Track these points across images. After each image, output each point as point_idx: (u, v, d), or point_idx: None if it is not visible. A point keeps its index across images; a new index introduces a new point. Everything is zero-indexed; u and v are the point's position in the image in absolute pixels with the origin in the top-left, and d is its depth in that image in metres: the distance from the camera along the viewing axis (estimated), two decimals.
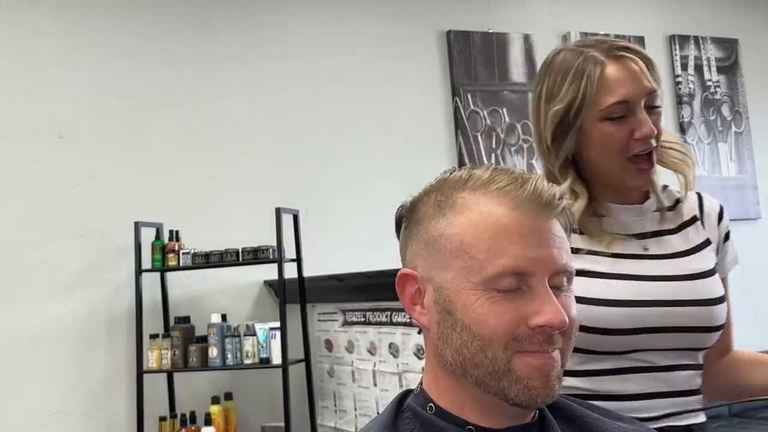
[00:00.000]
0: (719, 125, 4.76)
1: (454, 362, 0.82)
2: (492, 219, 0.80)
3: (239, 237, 3.52)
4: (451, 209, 0.83)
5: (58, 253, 3.32)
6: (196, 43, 3.65)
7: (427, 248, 0.84)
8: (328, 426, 3.37)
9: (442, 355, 0.84)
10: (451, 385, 0.85)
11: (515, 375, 0.79)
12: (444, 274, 0.82)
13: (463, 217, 0.82)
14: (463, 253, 0.81)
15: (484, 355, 0.80)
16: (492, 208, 0.81)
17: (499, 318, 0.79)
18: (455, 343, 0.81)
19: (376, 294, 3.01)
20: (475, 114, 4.13)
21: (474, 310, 0.80)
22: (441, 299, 0.83)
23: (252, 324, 3.20)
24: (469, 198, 0.83)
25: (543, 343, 0.79)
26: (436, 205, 0.85)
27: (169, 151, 3.55)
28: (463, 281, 0.81)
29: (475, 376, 0.81)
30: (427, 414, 0.85)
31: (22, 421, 3.20)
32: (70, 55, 3.44)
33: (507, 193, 0.81)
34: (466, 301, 0.80)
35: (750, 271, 4.76)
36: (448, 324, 0.82)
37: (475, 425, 0.83)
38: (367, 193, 3.84)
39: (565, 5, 4.49)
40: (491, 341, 0.79)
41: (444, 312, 0.82)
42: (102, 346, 3.36)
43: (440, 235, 0.83)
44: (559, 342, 0.81)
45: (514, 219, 0.80)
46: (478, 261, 0.80)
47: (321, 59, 3.87)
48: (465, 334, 0.80)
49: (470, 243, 0.81)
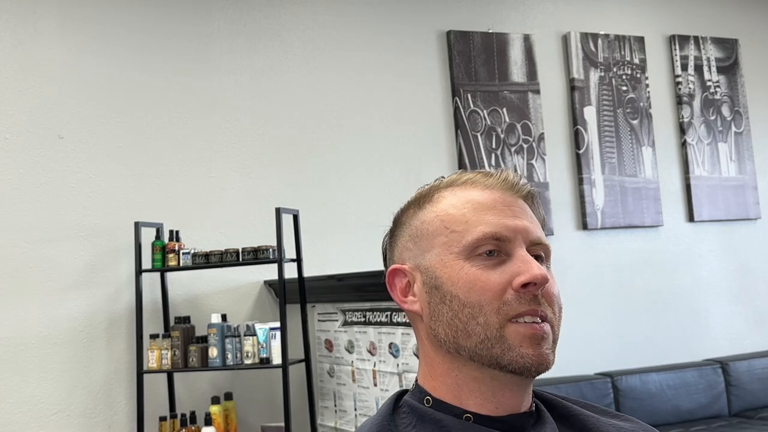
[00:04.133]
0: (719, 125, 4.76)
1: (447, 337, 0.84)
2: (468, 198, 0.87)
3: (239, 237, 3.52)
4: (429, 203, 0.89)
5: (58, 253, 3.32)
6: (197, 42, 3.65)
7: (412, 239, 0.89)
8: (328, 426, 3.37)
9: (435, 334, 0.85)
10: (446, 370, 0.85)
11: (507, 343, 0.81)
12: (428, 254, 0.86)
13: (441, 203, 0.88)
14: (443, 229, 0.86)
15: (476, 322, 0.81)
16: (466, 192, 0.88)
17: (485, 283, 0.82)
18: (446, 316, 0.83)
19: (376, 294, 3.01)
20: (475, 114, 4.13)
21: (460, 278, 0.83)
22: (428, 278, 0.86)
23: (252, 324, 3.20)
24: (445, 191, 0.89)
25: (530, 303, 0.82)
26: (416, 207, 0.90)
27: (169, 151, 3.55)
28: (446, 254, 0.84)
29: (468, 348, 0.82)
30: (425, 407, 0.86)
31: (22, 421, 3.20)
32: (70, 56, 3.44)
33: (478, 182, 0.88)
34: (451, 272, 0.83)
35: (750, 271, 4.76)
36: (437, 300, 0.85)
37: (474, 413, 0.84)
38: (367, 192, 3.84)
39: (565, 5, 4.49)
40: (481, 306, 0.81)
41: (432, 289, 0.85)
42: (102, 346, 3.36)
43: (422, 222, 0.88)
44: (546, 308, 0.83)
45: (488, 195, 0.86)
46: (458, 233, 0.84)
47: (321, 59, 3.87)
48: (455, 303, 0.83)
49: (449, 219, 0.86)
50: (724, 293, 4.66)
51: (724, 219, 4.69)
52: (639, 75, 4.58)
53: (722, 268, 4.68)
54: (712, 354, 4.50)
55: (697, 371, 4.26)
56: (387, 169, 3.90)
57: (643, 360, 4.29)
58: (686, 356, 4.41)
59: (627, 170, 4.45)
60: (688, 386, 4.19)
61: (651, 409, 4.05)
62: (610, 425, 0.90)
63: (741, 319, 4.69)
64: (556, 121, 4.35)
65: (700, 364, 4.34)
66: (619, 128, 4.47)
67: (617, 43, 4.55)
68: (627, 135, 4.49)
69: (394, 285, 0.90)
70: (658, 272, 4.49)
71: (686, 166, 4.63)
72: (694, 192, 4.61)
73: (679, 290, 4.54)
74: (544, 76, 4.34)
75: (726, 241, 4.71)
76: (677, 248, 4.56)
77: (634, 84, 4.55)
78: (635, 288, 4.43)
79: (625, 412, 3.87)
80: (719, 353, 4.51)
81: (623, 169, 4.44)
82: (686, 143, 4.64)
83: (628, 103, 4.52)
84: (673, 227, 4.57)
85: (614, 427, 0.90)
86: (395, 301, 0.90)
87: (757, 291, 4.77)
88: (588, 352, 4.19)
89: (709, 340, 4.56)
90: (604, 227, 4.35)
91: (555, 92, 4.38)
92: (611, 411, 0.95)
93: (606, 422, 0.91)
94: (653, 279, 4.47)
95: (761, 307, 4.77)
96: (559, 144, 4.34)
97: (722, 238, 4.70)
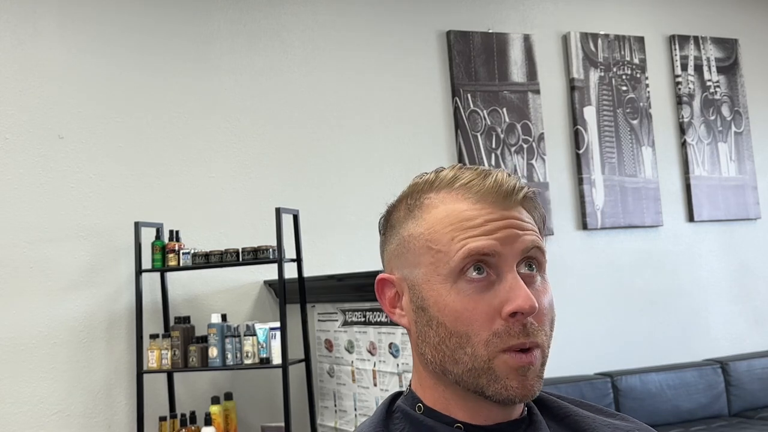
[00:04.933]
0: (719, 125, 4.76)
1: (434, 360, 0.83)
2: (455, 213, 0.82)
3: (239, 237, 3.52)
4: (419, 210, 0.85)
5: (58, 253, 3.32)
6: (197, 42, 3.65)
7: (400, 250, 0.86)
8: (328, 426, 3.37)
9: (422, 353, 0.84)
10: (434, 383, 0.85)
11: (494, 374, 0.79)
12: (416, 271, 0.84)
13: (429, 215, 0.84)
14: (429, 249, 0.82)
15: (464, 351, 0.80)
16: (456, 204, 0.83)
17: (472, 313, 0.79)
18: (433, 340, 0.82)
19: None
20: (475, 114, 4.13)
21: (446, 305, 0.80)
22: (415, 297, 0.84)
23: (252, 324, 3.20)
24: (435, 198, 0.85)
25: (520, 335, 0.79)
26: (407, 209, 0.87)
27: (169, 151, 3.55)
28: (432, 275, 0.82)
29: (455, 374, 0.81)
30: (416, 414, 0.86)
31: (22, 421, 3.20)
32: (70, 56, 3.44)
33: (470, 188, 0.83)
34: (437, 296, 0.81)
35: (750, 271, 4.76)
36: (424, 321, 0.83)
37: (464, 422, 0.84)
38: (367, 192, 3.84)
39: (565, 5, 4.49)
40: (469, 337, 0.79)
41: (419, 309, 0.84)
42: (102, 346, 3.36)
43: (409, 235, 0.85)
44: (539, 336, 0.80)
45: (476, 210, 0.82)
46: (443, 253, 0.81)
47: (321, 59, 3.87)
48: (441, 330, 0.81)
49: (435, 238, 0.82)
50: (724, 293, 4.66)
51: (724, 219, 4.69)
52: (639, 75, 4.58)
53: (722, 268, 4.68)
54: (712, 354, 4.50)
55: (697, 371, 4.26)
56: (387, 169, 3.90)
57: (643, 360, 4.29)
58: (686, 356, 4.41)
59: (627, 170, 4.45)
60: (688, 386, 4.19)
61: (651, 409, 4.05)
62: (606, 425, 0.90)
63: (741, 319, 4.69)
64: (556, 121, 4.35)
65: (700, 364, 4.34)
66: (619, 128, 4.47)
67: (617, 43, 4.55)
68: (627, 135, 4.49)
69: (383, 294, 0.89)
70: (658, 272, 4.49)
71: (686, 166, 4.63)
72: (694, 192, 4.61)
73: (679, 290, 4.54)
74: (544, 76, 4.34)
75: (726, 241, 4.71)
76: (677, 248, 4.56)
77: (634, 84, 4.55)
78: (635, 288, 4.43)
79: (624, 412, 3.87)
80: (719, 353, 4.51)
81: (623, 169, 4.44)
82: (686, 143, 4.64)
83: (628, 103, 4.52)
84: (673, 227, 4.57)
85: (610, 426, 0.90)
86: (383, 308, 0.89)
87: (757, 291, 4.77)
88: (588, 352, 4.19)
89: (709, 340, 4.56)
90: (604, 227, 4.35)
91: (555, 92, 4.38)
92: (608, 410, 0.95)
93: (602, 421, 0.90)
94: (653, 279, 4.47)
95: (761, 307, 4.77)
96: (559, 144, 4.34)
97: (722, 238, 4.70)
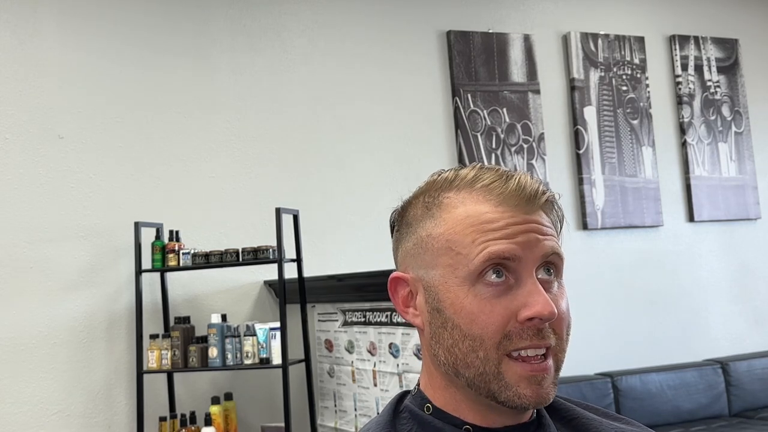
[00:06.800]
0: (719, 125, 4.76)
1: (447, 362, 0.82)
2: (476, 215, 0.81)
3: (239, 237, 3.52)
4: (438, 209, 0.84)
5: (58, 253, 3.32)
6: (197, 43, 3.65)
7: (417, 249, 0.85)
8: (328, 426, 3.37)
9: (435, 355, 0.84)
10: (445, 384, 0.85)
11: (505, 381, 0.79)
12: (432, 272, 0.83)
13: (449, 216, 0.82)
14: (449, 250, 0.81)
15: (476, 355, 0.79)
16: (477, 206, 0.81)
17: (488, 316, 0.78)
18: (447, 342, 0.81)
19: (376, 294, 3.01)
20: (475, 114, 4.13)
21: (463, 308, 0.79)
22: (431, 298, 0.83)
23: (252, 324, 3.20)
24: (455, 198, 0.83)
25: (533, 338, 0.78)
26: (424, 207, 0.86)
27: (169, 151, 3.55)
28: (450, 277, 0.81)
29: (467, 377, 0.81)
30: (425, 414, 0.85)
31: (22, 421, 3.20)
32: (70, 56, 3.44)
33: (492, 190, 0.82)
34: (454, 298, 0.80)
35: (750, 271, 4.76)
36: (438, 323, 0.82)
37: (473, 425, 0.83)
38: (367, 193, 3.84)
39: (565, 5, 4.49)
40: (483, 340, 0.79)
41: (434, 311, 0.82)
42: (102, 346, 3.36)
43: (428, 235, 0.84)
44: (551, 338, 0.80)
45: (498, 213, 0.80)
46: (463, 255, 0.80)
47: (321, 59, 3.87)
48: (456, 333, 0.80)
49: (455, 240, 0.81)
50: (724, 293, 4.66)
51: (724, 219, 4.69)
52: (639, 75, 4.58)
53: (722, 268, 4.68)
54: (712, 354, 4.49)
55: (697, 371, 4.26)
56: (387, 169, 3.90)
57: (643, 360, 4.29)
58: (686, 356, 4.41)
59: (627, 170, 4.45)
60: (688, 386, 4.19)
61: (651, 410, 4.05)
62: (613, 428, 0.90)
63: (741, 319, 4.69)
64: (556, 121, 4.35)
65: (700, 364, 4.34)
66: (619, 128, 4.47)
67: (617, 43, 4.55)
68: (627, 135, 4.49)
69: (396, 292, 0.88)
70: (658, 272, 4.49)
71: (686, 166, 4.63)
72: (694, 192, 4.61)
73: (679, 290, 4.54)
74: (544, 76, 4.34)
75: (726, 241, 4.71)
76: (677, 248, 4.56)
77: (634, 84, 4.55)
78: (635, 288, 4.42)
79: (625, 412, 3.88)
80: (719, 353, 4.51)
81: (623, 169, 4.44)
82: (686, 143, 4.64)
83: (628, 103, 4.52)
84: (673, 227, 4.57)
85: (617, 430, 0.90)
86: (396, 307, 0.88)
87: (757, 291, 4.77)
88: (588, 352, 4.19)
89: (709, 340, 4.56)
90: (604, 227, 4.35)
91: (555, 92, 4.38)
92: (613, 414, 0.95)
93: (609, 425, 0.91)
94: (653, 279, 4.47)
95: (761, 307, 4.77)
96: (559, 144, 4.34)
97: (722, 238, 4.70)
